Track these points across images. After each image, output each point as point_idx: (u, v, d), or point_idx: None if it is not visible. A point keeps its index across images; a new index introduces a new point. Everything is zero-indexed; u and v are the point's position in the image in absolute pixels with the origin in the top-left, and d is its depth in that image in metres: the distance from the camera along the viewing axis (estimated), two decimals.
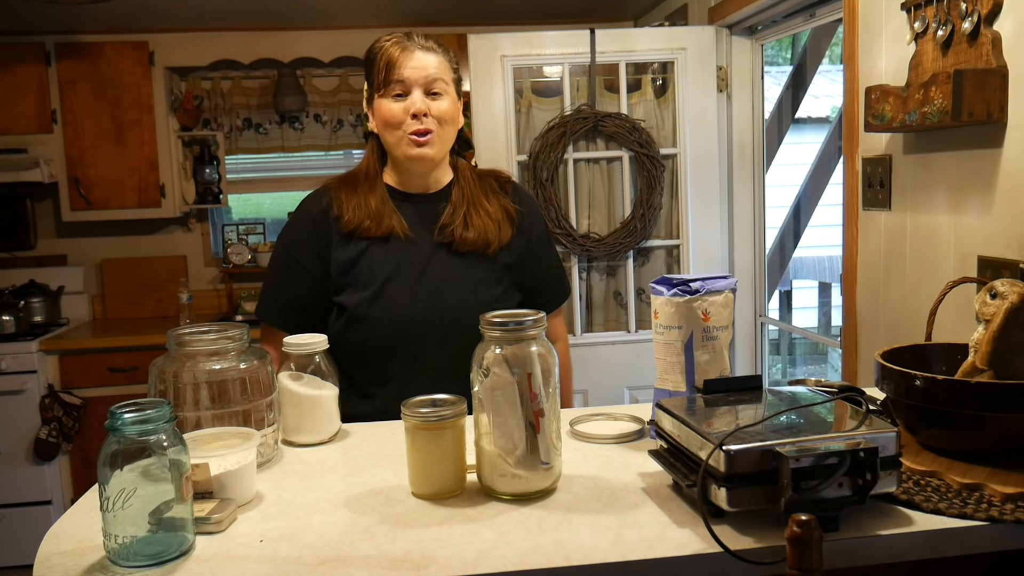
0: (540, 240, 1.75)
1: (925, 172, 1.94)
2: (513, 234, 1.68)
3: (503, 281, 1.65)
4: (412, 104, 1.56)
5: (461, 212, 1.63)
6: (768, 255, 3.44)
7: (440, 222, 1.64)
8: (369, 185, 1.64)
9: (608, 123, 3.14)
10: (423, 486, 1.14)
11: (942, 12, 1.77)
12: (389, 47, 1.58)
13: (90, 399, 3.68)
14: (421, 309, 1.58)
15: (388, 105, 1.57)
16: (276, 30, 4.09)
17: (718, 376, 1.26)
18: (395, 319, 1.58)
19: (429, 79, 1.57)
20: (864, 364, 2.27)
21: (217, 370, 1.23)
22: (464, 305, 1.56)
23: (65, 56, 3.87)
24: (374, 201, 1.61)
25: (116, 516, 0.94)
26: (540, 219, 1.77)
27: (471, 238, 1.62)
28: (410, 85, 1.56)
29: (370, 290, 1.59)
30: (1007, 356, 1.16)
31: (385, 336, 1.59)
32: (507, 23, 4.11)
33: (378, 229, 1.60)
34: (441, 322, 1.58)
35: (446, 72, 1.60)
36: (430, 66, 1.57)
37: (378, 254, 1.60)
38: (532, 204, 1.77)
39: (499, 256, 1.65)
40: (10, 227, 4.11)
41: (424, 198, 1.67)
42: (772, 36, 3.15)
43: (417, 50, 1.57)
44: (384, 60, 1.57)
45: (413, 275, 1.60)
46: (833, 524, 0.96)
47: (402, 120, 1.56)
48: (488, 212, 1.65)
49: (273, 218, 4.60)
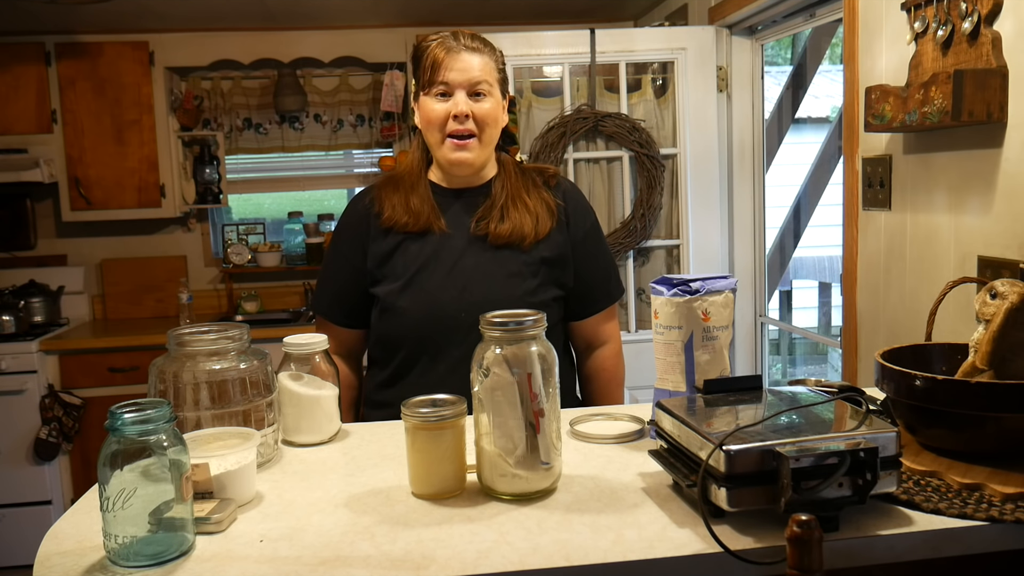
0: (588, 236, 1.72)
1: (925, 172, 1.94)
2: (553, 228, 1.66)
3: (538, 275, 1.64)
4: (455, 106, 1.57)
5: (499, 205, 1.64)
6: (768, 255, 3.44)
7: (477, 215, 1.65)
8: (411, 183, 1.67)
9: (608, 123, 3.14)
10: (423, 486, 1.14)
11: (942, 12, 1.77)
12: (435, 47, 1.59)
13: (90, 399, 3.68)
14: (450, 301, 1.60)
15: (432, 105, 1.59)
16: (276, 30, 4.08)
17: (718, 376, 1.26)
18: (424, 309, 1.60)
19: (473, 81, 1.58)
20: (864, 364, 2.27)
21: (217, 370, 1.23)
22: (493, 298, 1.56)
23: (65, 56, 3.87)
24: (415, 200, 1.64)
25: (116, 516, 0.94)
26: (588, 215, 1.74)
27: (505, 231, 1.62)
28: (454, 87, 1.58)
29: (401, 281, 1.62)
30: (1007, 356, 1.16)
31: (412, 327, 1.61)
32: (507, 23, 4.11)
33: (415, 225, 1.63)
34: (467, 314, 1.57)
35: (491, 72, 1.61)
36: (474, 68, 1.58)
37: (413, 248, 1.63)
38: (579, 199, 1.74)
39: (536, 250, 1.64)
40: (10, 227, 4.11)
41: (466, 192, 1.68)
42: (772, 36, 3.15)
43: (463, 51, 1.59)
44: (430, 60, 1.59)
45: (445, 267, 1.62)
46: (833, 524, 0.96)
47: (444, 121, 1.59)
48: (527, 206, 1.65)
49: (273, 218, 4.60)
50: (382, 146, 4.40)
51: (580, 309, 1.73)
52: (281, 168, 4.52)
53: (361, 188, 1.76)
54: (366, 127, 4.37)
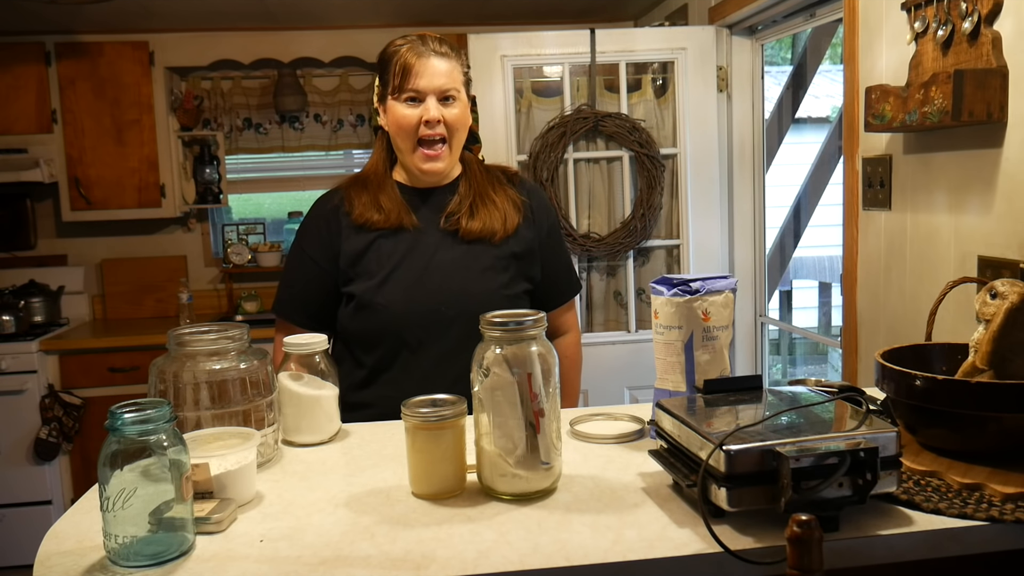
0: (551, 231, 1.77)
1: (925, 172, 1.94)
2: (520, 224, 1.70)
3: (509, 269, 1.68)
4: (426, 111, 1.59)
5: (467, 202, 1.67)
6: (768, 255, 3.44)
7: (447, 211, 1.67)
8: (378, 183, 1.68)
9: (608, 123, 3.14)
10: (423, 486, 1.14)
11: (942, 12, 1.77)
12: (405, 52, 1.60)
13: (90, 399, 3.68)
14: (427, 296, 1.61)
15: (402, 110, 1.61)
16: (276, 30, 4.09)
17: (718, 376, 1.26)
18: (401, 305, 1.61)
19: (443, 88, 1.60)
20: (864, 364, 2.27)
21: (217, 370, 1.23)
22: (472, 291, 1.60)
23: (65, 56, 3.87)
24: (385, 200, 1.66)
25: (116, 516, 0.94)
26: (551, 211, 1.79)
27: (476, 227, 1.65)
28: (424, 93, 1.59)
29: (377, 278, 1.62)
30: (1007, 356, 1.16)
31: (392, 322, 1.61)
32: (507, 23, 4.11)
33: (387, 222, 1.64)
34: (446, 309, 1.61)
35: (458, 77, 1.63)
36: (444, 74, 1.60)
37: (386, 245, 1.64)
38: (541, 196, 1.80)
39: (506, 245, 1.67)
40: (10, 227, 4.11)
41: (434, 191, 1.70)
42: (772, 36, 3.15)
43: (432, 56, 1.60)
44: (399, 65, 1.60)
45: (420, 263, 1.63)
46: (833, 524, 0.96)
47: (416, 126, 1.60)
48: (495, 202, 1.68)
49: (273, 218, 4.60)
50: None
51: (547, 301, 1.76)
52: (281, 168, 4.52)
53: None
54: (366, 127, 4.37)
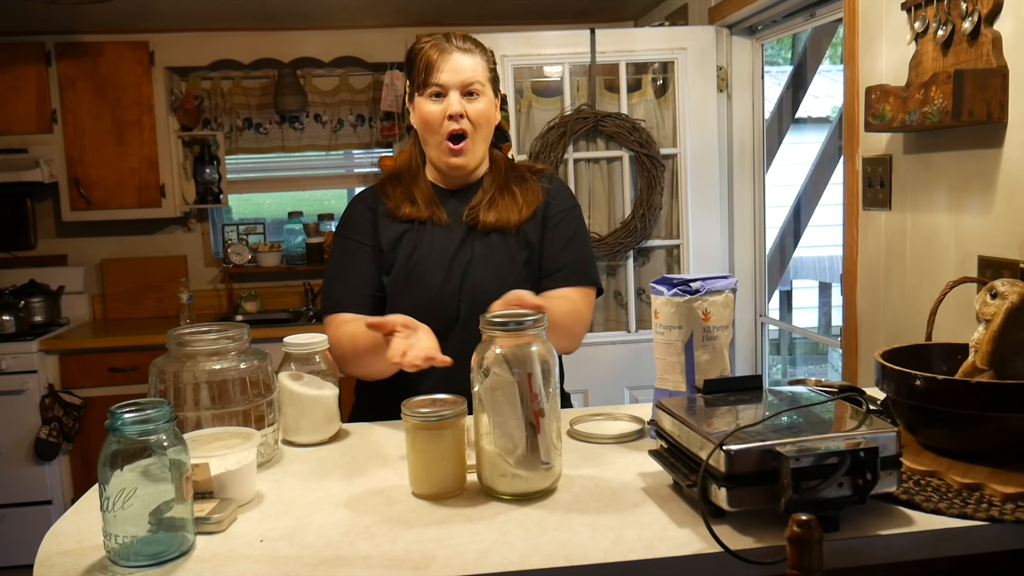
0: (567, 216, 1.70)
1: (925, 172, 1.93)
2: (538, 208, 1.70)
3: (529, 260, 1.68)
4: (449, 106, 1.60)
5: (488, 196, 1.68)
6: (768, 255, 3.44)
7: (469, 205, 1.69)
8: (412, 179, 1.71)
9: (608, 123, 3.14)
10: (423, 486, 1.14)
11: (942, 12, 1.77)
12: (428, 49, 1.62)
13: (90, 399, 3.68)
14: (450, 289, 1.63)
15: (427, 106, 1.62)
16: (276, 30, 4.08)
17: (718, 376, 1.26)
18: (426, 297, 1.62)
19: (465, 81, 1.60)
20: (864, 364, 2.27)
21: (217, 370, 1.23)
22: (490, 283, 1.60)
23: (65, 56, 3.87)
24: (417, 192, 1.69)
25: (116, 516, 0.94)
26: (568, 198, 1.75)
27: (491, 219, 1.66)
28: (447, 88, 1.60)
29: (405, 270, 1.65)
30: (1007, 356, 1.16)
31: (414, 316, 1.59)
32: (507, 23, 4.11)
33: (418, 214, 1.67)
34: (467, 301, 1.62)
35: (483, 73, 1.63)
36: (467, 68, 1.61)
37: (416, 236, 1.67)
38: (565, 190, 1.78)
39: (522, 233, 1.68)
40: (10, 227, 4.11)
41: (463, 190, 1.72)
42: (772, 36, 3.15)
43: (455, 52, 1.61)
44: (423, 62, 1.61)
45: (445, 257, 1.65)
46: (833, 524, 0.96)
47: (440, 121, 1.61)
48: (514, 195, 1.69)
49: (273, 218, 4.60)
50: (382, 146, 4.40)
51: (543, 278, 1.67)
52: (281, 168, 4.52)
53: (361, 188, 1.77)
54: (366, 127, 4.37)
